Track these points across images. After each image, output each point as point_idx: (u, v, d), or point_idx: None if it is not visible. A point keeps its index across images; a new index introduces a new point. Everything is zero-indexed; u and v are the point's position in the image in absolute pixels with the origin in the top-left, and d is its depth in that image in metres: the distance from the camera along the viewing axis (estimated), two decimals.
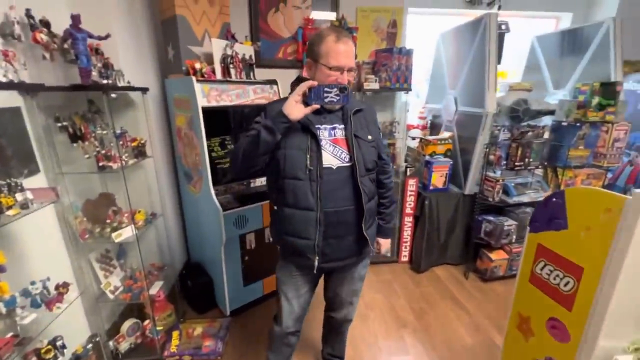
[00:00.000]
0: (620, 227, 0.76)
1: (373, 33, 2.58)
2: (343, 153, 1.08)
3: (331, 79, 1.05)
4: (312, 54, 1.08)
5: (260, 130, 1.02)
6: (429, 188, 2.60)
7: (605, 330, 0.81)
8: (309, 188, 1.05)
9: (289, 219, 1.10)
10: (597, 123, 2.18)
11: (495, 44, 2.20)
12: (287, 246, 1.16)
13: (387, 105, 2.76)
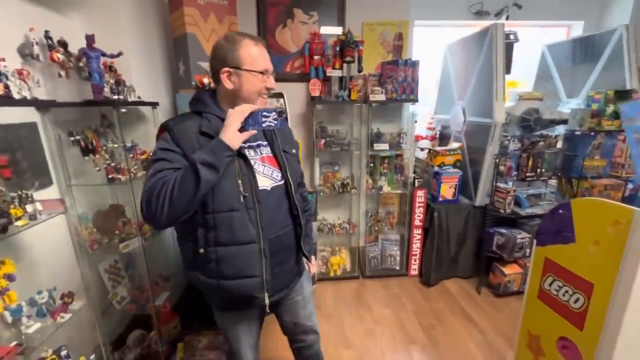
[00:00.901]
0: (630, 240, 0.72)
1: (379, 46, 2.60)
2: (274, 172, 1.00)
3: (262, 85, 0.95)
4: (229, 61, 0.92)
5: (199, 169, 0.82)
6: (438, 199, 2.56)
7: (619, 351, 0.76)
8: (247, 218, 0.91)
9: (228, 259, 0.92)
10: (612, 132, 2.10)
11: (503, 54, 2.18)
12: (227, 292, 0.96)
13: (394, 116, 2.75)
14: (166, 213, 0.82)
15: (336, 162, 2.73)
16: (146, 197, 0.83)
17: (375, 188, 2.63)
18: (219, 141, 0.86)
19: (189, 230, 0.93)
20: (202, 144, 0.89)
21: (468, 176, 2.60)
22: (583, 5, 2.93)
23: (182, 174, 0.83)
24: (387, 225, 2.78)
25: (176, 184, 0.82)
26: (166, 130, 0.91)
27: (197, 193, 0.83)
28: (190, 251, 0.95)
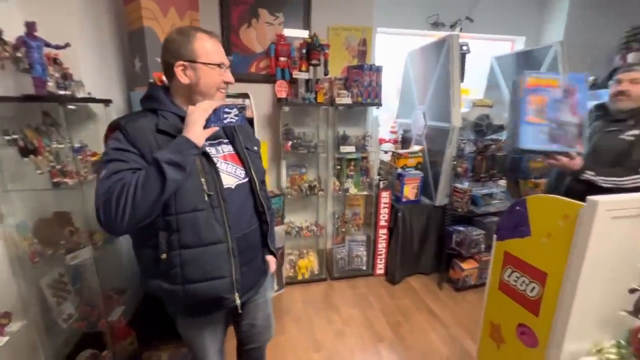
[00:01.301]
0: (577, 233, 0.80)
1: (344, 50, 2.65)
2: (237, 169, 0.99)
3: (220, 78, 0.92)
4: (184, 55, 0.88)
5: (164, 168, 0.78)
6: (402, 200, 2.65)
7: (570, 333, 0.84)
8: (213, 217, 0.88)
9: (194, 262, 0.88)
10: None
11: (459, 64, 2.33)
12: (193, 297, 0.91)
13: (359, 120, 2.82)
14: (128, 217, 0.76)
15: (303, 165, 2.73)
16: (103, 200, 0.76)
17: (342, 190, 2.66)
18: (184, 139, 0.83)
19: (148, 235, 0.86)
20: (161, 142, 0.85)
21: (429, 177, 2.73)
22: (524, 23, 3.24)
23: (145, 174, 0.78)
24: (353, 227, 2.83)
25: (139, 186, 0.76)
26: (118, 129, 0.85)
27: (162, 194, 0.78)
28: (150, 258, 0.89)
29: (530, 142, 1.32)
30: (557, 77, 1.32)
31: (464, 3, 2.94)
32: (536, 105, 1.32)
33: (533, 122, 1.31)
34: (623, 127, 1.43)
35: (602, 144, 1.47)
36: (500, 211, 2.49)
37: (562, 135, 1.31)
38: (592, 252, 0.78)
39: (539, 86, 1.32)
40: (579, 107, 1.31)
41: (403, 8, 2.98)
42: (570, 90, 1.31)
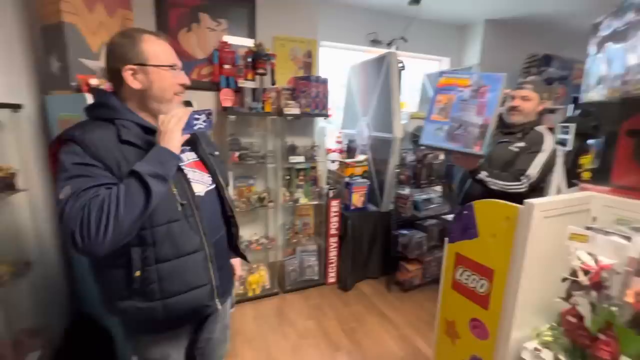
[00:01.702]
0: (517, 232, 0.90)
1: (290, 61, 2.67)
2: (204, 176, 0.98)
3: (175, 81, 0.89)
4: (131, 58, 0.82)
5: (148, 182, 0.75)
6: (351, 208, 2.73)
7: (515, 322, 0.94)
8: (188, 226, 0.87)
9: (173, 274, 0.85)
10: None
11: (398, 79, 2.52)
12: (174, 311, 0.87)
13: (307, 130, 2.83)
14: (111, 236, 0.71)
15: (251, 176, 2.63)
16: (79, 221, 0.70)
17: (292, 200, 2.63)
18: (164, 150, 0.81)
19: (117, 254, 0.79)
20: (127, 154, 0.80)
21: (375, 185, 2.86)
22: (448, 46, 3.66)
23: (126, 189, 0.74)
24: (304, 237, 2.81)
25: (121, 201, 0.72)
26: (72, 142, 0.77)
27: (147, 208, 0.76)
28: (120, 278, 0.83)
29: (430, 139, 1.34)
30: (469, 77, 1.29)
31: (399, 24, 3.20)
32: (443, 104, 1.32)
33: (436, 120, 1.33)
34: (513, 139, 1.59)
35: (495, 152, 1.58)
36: (438, 214, 2.72)
37: (462, 134, 1.27)
38: (531, 248, 0.89)
39: (449, 85, 1.31)
40: (488, 108, 1.23)
41: (345, 24, 3.12)
42: (480, 90, 1.25)
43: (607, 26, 1.03)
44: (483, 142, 1.23)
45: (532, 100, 1.59)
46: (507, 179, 1.47)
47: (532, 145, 1.53)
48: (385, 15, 3.23)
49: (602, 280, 0.76)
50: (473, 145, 1.25)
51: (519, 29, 3.54)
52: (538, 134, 1.57)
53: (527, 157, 1.51)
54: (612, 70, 0.97)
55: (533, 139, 1.55)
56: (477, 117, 1.24)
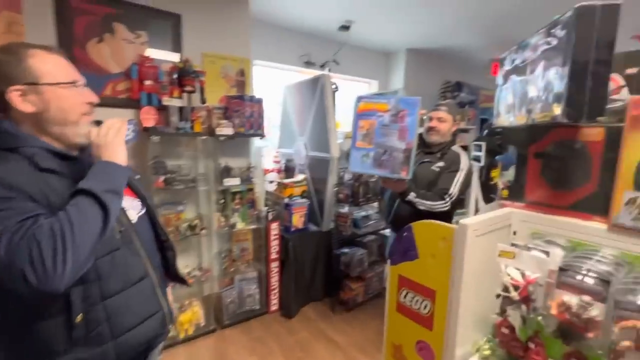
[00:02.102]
0: (454, 251, 0.93)
1: (222, 79, 2.54)
2: (134, 201, 0.92)
3: (81, 99, 0.79)
4: (18, 77, 0.71)
5: (104, 199, 0.68)
6: (291, 230, 2.65)
7: (459, 340, 0.96)
8: (130, 252, 0.83)
9: (123, 308, 0.78)
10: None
11: (333, 99, 2.58)
12: (127, 349, 0.80)
13: (242, 150, 2.70)
14: (70, 265, 0.62)
15: (180, 202, 2.38)
16: (27, 254, 0.60)
17: (228, 226, 2.45)
18: (111, 164, 0.76)
19: (49, 301, 0.69)
20: (52, 183, 0.71)
21: (314, 205, 2.84)
22: (376, 70, 3.92)
23: (78, 209, 0.66)
24: (243, 264, 2.62)
25: (75, 224, 0.64)
26: None
27: (105, 229, 0.69)
28: (55, 329, 0.71)
29: (358, 167, 1.33)
30: (387, 102, 1.28)
31: (331, 48, 3.33)
32: (366, 130, 1.31)
33: (361, 147, 1.32)
34: (433, 158, 1.71)
35: (419, 172, 1.67)
36: (376, 230, 2.80)
37: (388, 160, 1.29)
38: (467, 266, 0.92)
39: (369, 111, 1.30)
40: (409, 132, 1.26)
41: (279, 44, 3.13)
42: (399, 114, 1.27)
43: (509, 61, 1.17)
44: (408, 166, 1.27)
45: (447, 122, 1.75)
46: (433, 198, 1.58)
47: (450, 165, 1.68)
48: (317, 38, 3.33)
49: (529, 293, 0.81)
50: (400, 170, 1.28)
51: (434, 58, 3.98)
52: (455, 153, 1.73)
53: (447, 177, 1.64)
54: (518, 99, 1.09)
55: (451, 158, 1.70)
56: (400, 142, 1.27)
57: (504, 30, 3.15)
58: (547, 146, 0.99)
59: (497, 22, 2.99)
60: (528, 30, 1.12)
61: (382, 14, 2.83)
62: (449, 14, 2.83)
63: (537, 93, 0.97)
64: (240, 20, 2.58)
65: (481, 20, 2.95)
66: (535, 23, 1.07)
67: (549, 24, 0.92)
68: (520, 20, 2.93)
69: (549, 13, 1.03)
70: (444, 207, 1.58)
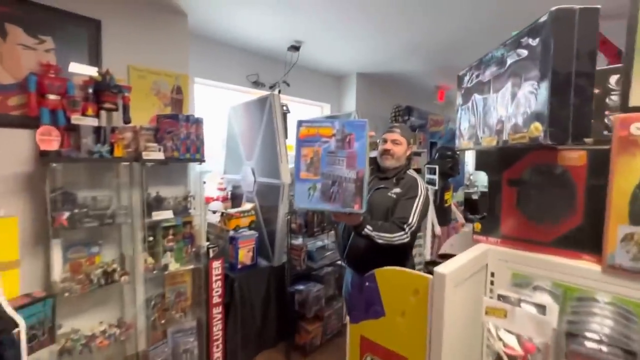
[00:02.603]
0: (430, 308, 0.72)
1: (153, 96, 2.21)
2: None
3: None
4: None
5: None
6: (237, 267, 2.31)
7: None
8: None
9: None
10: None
11: (282, 121, 2.37)
12: None
13: (178, 177, 2.34)
14: None
15: (94, 242, 1.93)
16: None
17: (158, 268, 2.04)
18: None
19: None
20: None
21: (264, 236, 2.54)
22: (329, 93, 3.85)
23: None
24: (178, 312, 2.19)
25: None
26: None
27: None
28: None
29: (304, 202, 1.15)
30: (331, 125, 1.13)
31: (281, 68, 3.17)
32: (310, 159, 1.15)
33: (306, 178, 1.16)
34: (389, 184, 1.56)
35: (375, 200, 1.53)
36: (333, 262, 2.57)
37: (338, 192, 1.13)
38: (448, 325, 0.71)
39: (312, 136, 1.15)
40: (358, 159, 1.11)
41: (223, 62, 2.89)
42: (346, 139, 1.13)
43: (469, 78, 1.06)
44: (361, 198, 1.11)
45: (402, 144, 1.62)
46: (392, 230, 1.41)
47: (408, 191, 1.53)
48: (266, 58, 3.16)
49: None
50: (352, 203, 1.11)
51: (385, 82, 4.04)
52: (412, 178, 1.59)
53: (405, 204, 1.49)
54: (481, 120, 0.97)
55: (407, 183, 1.56)
56: (349, 170, 1.12)
57: (448, 57, 3.28)
58: (523, 172, 0.85)
59: (442, 51, 3.10)
60: (471, 58, 1.06)
61: (331, 37, 2.76)
62: (397, 40, 2.86)
63: (505, 112, 0.85)
64: (176, 32, 2.31)
65: (426, 47, 3.03)
66: (476, 52, 1.02)
67: (516, 34, 0.82)
68: (463, 49, 3.07)
69: (488, 45, 0.98)
70: (404, 238, 1.41)
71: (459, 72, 1.18)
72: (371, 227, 1.36)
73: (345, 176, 1.12)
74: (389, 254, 1.38)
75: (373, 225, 1.37)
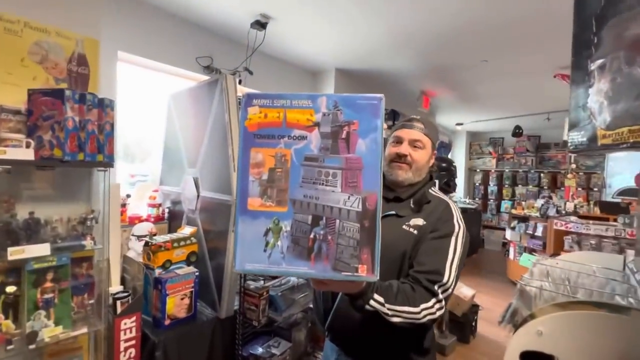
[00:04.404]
0: None
1: (35, 64, 1.44)
2: None
3: None
4: None
5: None
6: (164, 324, 1.55)
7: None
8: None
9: None
10: None
11: (237, 111, 1.69)
12: None
13: (75, 188, 1.56)
14: None
15: None
16: None
17: (20, 338, 1.24)
18: None
19: None
20: None
21: (209, 274, 1.80)
22: (301, 91, 3.24)
23: None
24: None
25: None
26: None
27: None
28: None
29: (257, 258, 0.59)
30: (312, 106, 0.61)
31: (242, 52, 2.51)
32: (267, 172, 0.61)
33: (260, 210, 0.60)
34: (404, 210, 0.95)
35: (384, 236, 0.88)
36: (305, 308, 1.88)
37: (325, 240, 0.58)
38: None
39: (273, 126, 0.62)
40: (366, 173, 0.59)
41: (165, 37, 2.18)
42: (341, 133, 0.60)
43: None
44: (373, 251, 0.58)
45: (426, 149, 1.00)
46: (416, 298, 0.79)
47: (437, 223, 0.91)
48: (224, 37, 2.49)
49: None
50: (355, 262, 0.58)
51: (367, 83, 3.51)
52: (439, 201, 0.98)
53: (435, 247, 0.87)
54: None
55: (435, 211, 0.94)
56: (349, 195, 0.59)
57: (438, 56, 2.82)
58: None
59: (431, 47, 2.62)
60: (461, 60, 0.54)
61: (306, 14, 2.17)
62: (382, 28, 2.35)
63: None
64: None
65: (415, 41, 2.55)
66: (468, 50, 0.52)
67: None
68: (455, 48, 2.62)
69: (481, 41, 0.48)
70: (435, 311, 0.81)
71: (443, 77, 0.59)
72: (382, 296, 0.74)
73: (340, 207, 0.59)
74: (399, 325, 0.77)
75: (384, 291, 0.75)
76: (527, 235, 4.37)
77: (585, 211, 4.22)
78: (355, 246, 0.58)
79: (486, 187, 6.77)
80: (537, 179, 6.04)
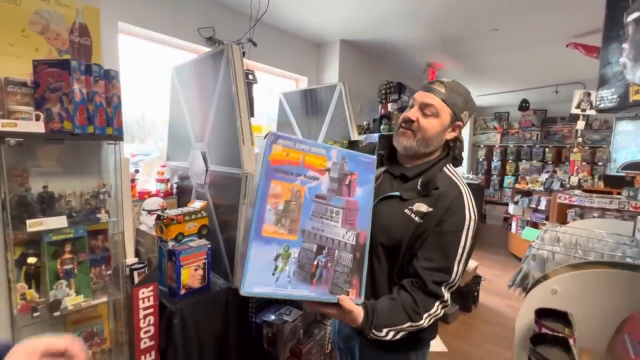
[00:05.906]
0: None
1: (37, 35, 1.40)
2: None
3: None
4: None
5: None
6: (179, 293, 1.60)
7: None
8: None
9: None
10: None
11: (244, 84, 1.66)
12: None
13: (85, 162, 1.57)
14: None
15: None
16: None
17: (44, 306, 1.29)
18: None
19: None
20: None
21: (220, 246, 1.84)
22: (304, 63, 3.16)
23: None
24: None
25: None
26: None
27: None
28: None
29: (265, 281, 0.66)
30: (326, 154, 0.73)
31: (245, 22, 2.43)
32: (283, 203, 0.69)
33: (273, 237, 0.68)
34: (409, 192, 0.87)
35: (382, 214, 0.86)
36: None
37: (326, 267, 0.70)
38: None
39: (292, 164, 0.70)
40: (361, 215, 0.74)
41: (166, 7, 2.10)
42: (345, 180, 0.75)
43: None
44: (361, 280, 0.75)
45: (440, 117, 0.88)
46: (417, 311, 0.79)
47: (445, 214, 0.83)
48: (226, 7, 2.40)
49: None
50: (346, 286, 0.73)
51: (372, 54, 3.42)
52: (450, 184, 0.87)
53: (442, 241, 0.82)
54: None
55: (444, 197, 0.84)
56: (347, 230, 0.74)
57: (446, 28, 2.72)
58: None
59: (440, 14, 2.52)
60: (471, 29, 0.51)
61: None
62: None
63: None
64: None
65: (423, 10, 2.45)
66: (478, 21, 0.50)
67: None
68: (466, 16, 2.52)
69: (493, 7, 0.44)
70: (440, 312, 0.84)
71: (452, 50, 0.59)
72: (383, 325, 0.78)
73: (339, 239, 0.73)
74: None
75: (385, 316, 0.78)
76: (530, 209, 4.40)
77: (589, 185, 4.22)
78: (348, 273, 0.72)
79: (489, 162, 6.75)
80: (542, 153, 5.99)
